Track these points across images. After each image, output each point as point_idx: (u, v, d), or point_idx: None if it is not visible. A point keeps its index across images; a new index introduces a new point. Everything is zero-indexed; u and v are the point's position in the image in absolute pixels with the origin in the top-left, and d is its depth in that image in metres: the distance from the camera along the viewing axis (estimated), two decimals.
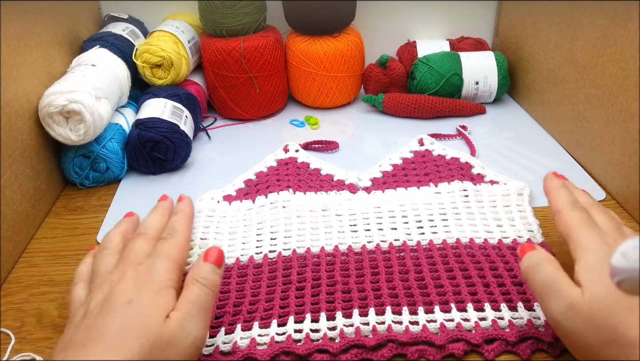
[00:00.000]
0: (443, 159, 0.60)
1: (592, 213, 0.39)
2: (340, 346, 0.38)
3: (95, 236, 0.53)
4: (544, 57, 0.68)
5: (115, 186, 0.61)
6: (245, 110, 0.74)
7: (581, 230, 0.37)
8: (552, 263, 0.36)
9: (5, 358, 0.40)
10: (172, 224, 0.42)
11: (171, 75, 0.69)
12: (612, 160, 0.54)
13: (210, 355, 0.38)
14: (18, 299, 0.46)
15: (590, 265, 0.34)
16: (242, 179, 0.59)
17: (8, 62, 0.53)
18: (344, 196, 0.55)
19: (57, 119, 0.56)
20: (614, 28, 0.53)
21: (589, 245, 0.35)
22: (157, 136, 0.60)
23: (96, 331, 0.32)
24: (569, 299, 0.33)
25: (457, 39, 0.82)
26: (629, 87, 0.51)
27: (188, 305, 0.35)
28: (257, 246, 0.49)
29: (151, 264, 0.37)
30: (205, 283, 0.36)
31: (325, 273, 0.45)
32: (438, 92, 0.73)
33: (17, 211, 0.51)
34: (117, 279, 0.36)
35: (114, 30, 0.70)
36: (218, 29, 0.70)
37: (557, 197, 0.41)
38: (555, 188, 0.42)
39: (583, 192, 0.44)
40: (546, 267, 0.35)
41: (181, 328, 0.33)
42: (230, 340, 0.39)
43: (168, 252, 0.38)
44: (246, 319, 0.41)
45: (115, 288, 0.35)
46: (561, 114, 0.64)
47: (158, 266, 0.37)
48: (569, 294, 0.33)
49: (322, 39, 0.72)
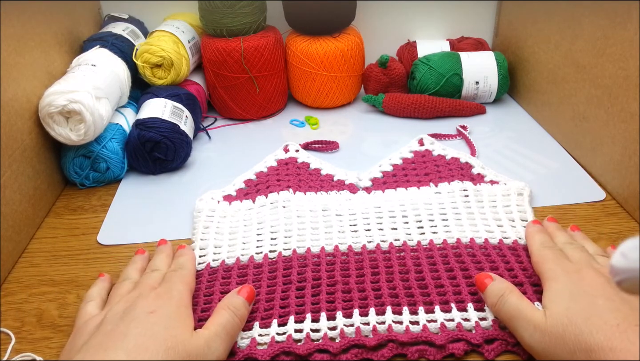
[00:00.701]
0: (443, 159, 0.60)
1: (567, 250, 0.42)
2: (340, 346, 0.38)
3: (95, 236, 0.53)
4: (544, 57, 0.68)
5: (115, 186, 0.61)
6: (245, 110, 0.74)
7: (548, 265, 0.40)
8: (513, 292, 0.39)
9: (5, 358, 0.40)
10: (179, 260, 0.45)
11: (171, 75, 0.69)
12: (612, 160, 0.54)
13: None
14: (18, 299, 0.46)
15: (552, 291, 0.37)
16: (242, 179, 0.58)
17: (8, 62, 0.53)
18: (344, 196, 0.55)
19: (57, 119, 0.56)
20: (614, 28, 0.53)
21: (553, 276, 0.39)
22: (157, 136, 0.60)
23: (117, 336, 0.34)
24: (533, 323, 0.36)
25: (457, 39, 0.82)
26: (629, 87, 0.51)
27: (218, 327, 0.37)
28: (257, 246, 0.49)
29: (169, 286, 0.40)
30: (236, 313, 0.39)
31: (326, 273, 0.45)
32: (438, 92, 0.73)
33: (17, 211, 0.51)
34: (136, 295, 0.39)
35: (114, 30, 0.70)
36: (218, 29, 0.70)
37: (532, 241, 0.45)
38: (531, 234, 0.46)
39: (572, 228, 0.48)
40: (509, 298, 0.38)
41: (207, 345, 0.36)
42: None
43: (182, 278, 0.42)
44: (247, 319, 0.41)
45: (136, 301, 0.37)
46: (561, 114, 0.64)
47: (176, 287, 0.40)
48: (532, 318, 0.36)
49: (322, 39, 0.72)
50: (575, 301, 0.35)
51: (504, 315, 0.38)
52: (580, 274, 0.38)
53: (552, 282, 0.38)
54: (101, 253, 0.51)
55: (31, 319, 0.43)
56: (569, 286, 0.37)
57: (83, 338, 0.35)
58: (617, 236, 0.49)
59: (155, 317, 0.35)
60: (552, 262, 0.40)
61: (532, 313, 0.36)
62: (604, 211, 0.52)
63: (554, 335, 0.34)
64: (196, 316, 0.41)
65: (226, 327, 0.38)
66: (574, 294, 0.36)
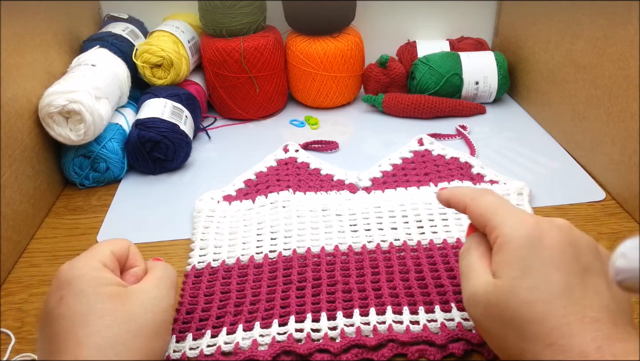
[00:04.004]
0: (443, 159, 0.60)
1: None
2: (341, 346, 0.38)
3: (95, 236, 0.53)
4: (544, 57, 0.68)
5: (115, 186, 0.61)
6: (245, 110, 0.74)
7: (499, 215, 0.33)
8: (477, 249, 0.34)
9: (5, 358, 0.40)
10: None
11: (171, 75, 0.69)
12: (612, 160, 0.54)
13: (211, 355, 0.38)
14: (18, 299, 0.46)
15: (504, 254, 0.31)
16: (242, 179, 0.58)
17: (8, 62, 0.53)
18: (344, 196, 0.55)
19: (57, 119, 0.56)
20: (614, 28, 0.53)
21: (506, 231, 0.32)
22: (157, 136, 0.60)
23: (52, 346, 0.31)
24: (476, 287, 0.32)
25: (457, 39, 0.82)
26: (629, 87, 0.51)
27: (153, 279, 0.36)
28: (257, 246, 0.49)
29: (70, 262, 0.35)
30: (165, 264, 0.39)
31: (326, 273, 0.45)
32: (438, 92, 0.73)
33: (17, 211, 0.51)
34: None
35: (114, 30, 0.70)
36: (218, 29, 0.70)
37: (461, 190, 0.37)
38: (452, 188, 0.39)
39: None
40: (471, 253, 0.34)
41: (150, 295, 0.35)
42: (232, 340, 0.39)
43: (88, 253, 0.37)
44: (247, 319, 0.41)
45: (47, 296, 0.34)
46: (561, 114, 0.64)
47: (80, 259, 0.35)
48: (477, 283, 0.32)
49: (322, 39, 0.72)
50: (526, 272, 0.30)
51: (460, 268, 0.35)
52: (539, 231, 0.31)
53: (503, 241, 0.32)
54: None
55: (31, 319, 0.43)
56: (524, 250, 0.31)
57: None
58: (617, 236, 0.49)
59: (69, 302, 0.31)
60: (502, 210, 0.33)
61: (479, 278, 0.32)
62: (604, 211, 0.52)
63: (491, 309, 0.31)
64: (196, 316, 0.41)
65: (162, 276, 0.37)
66: (527, 262, 0.30)
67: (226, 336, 0.39)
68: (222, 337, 0.39)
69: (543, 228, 0.31)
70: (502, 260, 0.31)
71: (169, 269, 0.39)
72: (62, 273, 0.34)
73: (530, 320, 0.29)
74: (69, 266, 0.34)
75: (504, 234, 0.32)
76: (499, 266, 0.31)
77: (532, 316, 0.29)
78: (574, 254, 0.31)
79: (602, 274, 0.30)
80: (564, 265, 0.30)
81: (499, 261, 0.32)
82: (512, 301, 0.30)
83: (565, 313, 0.28)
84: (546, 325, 0.28)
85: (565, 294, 0.29)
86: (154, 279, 0.36)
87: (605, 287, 0.30)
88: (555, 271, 0.30)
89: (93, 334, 0.30)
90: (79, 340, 0.30)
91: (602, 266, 0.31)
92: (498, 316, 0.30)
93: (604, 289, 0.30)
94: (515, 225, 0.32)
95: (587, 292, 0.29)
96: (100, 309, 0.31)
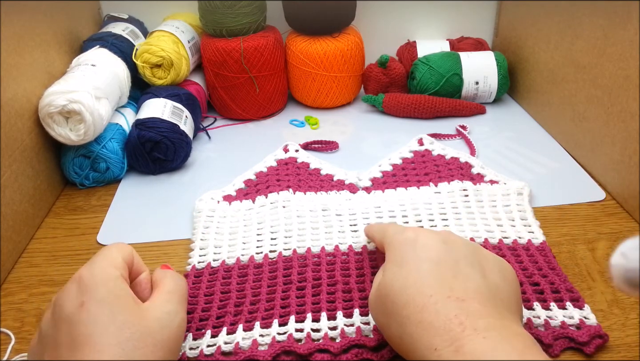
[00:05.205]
0: (443, 159, 0.60)
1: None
2: (341, 346, 0.38)
3: (95, 236, 0.53)
4: (544, 57, 0.68)
5: (115, 186, 0.61)
6: (245, 110, 0.74)
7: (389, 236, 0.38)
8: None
9: (5, 358, 0.40)
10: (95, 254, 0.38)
11: (171, 75, 0.69)
12: (612, 160, 0.54)
13: (211, 355, 0.38)
14: (18, 299, 0.46)
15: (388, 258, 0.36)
16: (242, 179, 0.58)
17: (8, 62, 0.53)
18: (344, 196, 0.55)
19: (57, 119, 0.56)
20: (614, 28, 0.53)
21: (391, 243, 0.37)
22: (157, 136, 0.60)
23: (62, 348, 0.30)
24: (370, 293, 0.36)
25: (457, 39, 0.82)
26: (629, 87, 0.51)
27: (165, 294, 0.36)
28: (257, 246, 0.49)
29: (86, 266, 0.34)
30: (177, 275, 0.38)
31: (326, 273, 0.45)
32: (438, 92, 0.73)
33: (17, 211, 0.51)
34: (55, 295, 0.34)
35: (114, 30, 0.70)
36: (218, 29, 0.70)
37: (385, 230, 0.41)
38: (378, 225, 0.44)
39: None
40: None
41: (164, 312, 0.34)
42: (232, 340, 0.39)
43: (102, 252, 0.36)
44: (247, 319, 0.41)
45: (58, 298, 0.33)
46: (561, 114, 0.64)
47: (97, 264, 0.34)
48: (372, 287, 0.36)
49: (322, 39, 0.72)
50: (401, 266, 0.34)
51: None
52: (415, 235, 0.36)
53: (388, 246, 0.37)
54: None
55: (31, 319, 0.43)
56: (402, 249, 0.35)
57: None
58: (617, 236, 0.49)
59: (90, 309, 0.31)
60: (392, 228, 0.39)
61: (375, 281, 0.36)
62: (604, 211, 0.52)
63: (377, 303, 0.34)
64: (196, 316, 0.41)
65: (172, 290, 0.36)
66: (404, 258, 0.34)
67: (226, 336, 0.39)
68: (222, 337, 0.39)
69: (420, 232, 0.36)
70: (387, 260, 0.36)
71: (178, 280, 0.38)
72: (82, 278, 0.33)
73: (405, 303, 0.32)
74: (89, 272, 0.33)
75: (388, 242, 0.38)
76: (385, 266, 0.36)
77: (406, 299, 0.32)
78: (447, 249, 0.34)
79: (478, 267, 0.33)
80: (436, 258, 0.34)
81: (385, 262, 0.36)
82: (391, 290, 0.33)
83: (433, 293, 0.31)
84: (417, 304, 0.31)
85: (434, 278, 0.32)
86: (164, 294, 0.36)
87: (478, 276, 0.33)
88: (427, 262, 0.33)
89: (114, 344, 0.30)
90: (99, 348, 0.30)
91: (480, 260, 0.34)
92: (383, 307, 0.34)
93: (477, 278, 0.32)
94: (397, 233, 0.37)
95: (458, 278, 0.32)
96: (121, 321, 0.31)
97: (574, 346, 0.37)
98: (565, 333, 0.38)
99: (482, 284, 0.32)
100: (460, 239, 0.36)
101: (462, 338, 0.28)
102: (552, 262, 0.45)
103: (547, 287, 0.42)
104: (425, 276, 0.32)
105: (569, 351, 0.37)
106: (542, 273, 0.43)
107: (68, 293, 0.32)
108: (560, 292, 0.41)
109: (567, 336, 0.38)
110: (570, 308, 0.40)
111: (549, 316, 0.39)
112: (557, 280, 0.42)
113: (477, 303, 0.30)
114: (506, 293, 0.33)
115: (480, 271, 0.33)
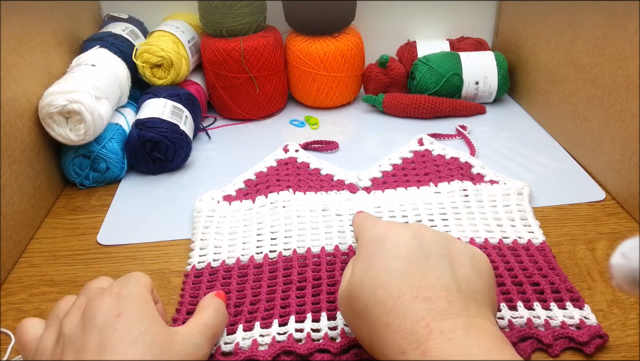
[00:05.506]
0: (443, 159, 0.60)
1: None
2: (341, 345, 0.38)
3: (95, 236, 0.53)
4: (544, 57, 0.68)
5: (115, 186, 0.61)
6: (245, 110, 0.74)
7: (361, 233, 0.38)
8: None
9: (5, 358, 0.40)
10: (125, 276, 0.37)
11: (171, 75, 0.69)
12: (612, 160, 0.54)
13: (212, 355, 0.38)
14: (18, 299, 0.46)
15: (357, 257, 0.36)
16: (242, 179, 0.59)
17: (8, 62, 0.53)
18: (344, 196, 0.55)
19: (57, 119, 0.56)
20: (614, 28, 0.53)
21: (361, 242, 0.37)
22: (157, 136, 0.60)
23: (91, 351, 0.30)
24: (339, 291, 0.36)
25: (457, 39, 0.82)
26: (629, 87, 0.51)
27: (200, 325, 0.36)
28: (257, 246, 0.49)
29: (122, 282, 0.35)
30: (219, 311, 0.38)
31: (326, 273, 0.45)
32: (438, 92, 0.73)
33: (17, 211, 0.51)
34: (84, 301, 0.34)
35: (114, 30, 0.70)
36: (218, 29, 0.70)
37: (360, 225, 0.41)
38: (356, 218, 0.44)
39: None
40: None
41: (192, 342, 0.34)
42: (232, 340, 0.39)
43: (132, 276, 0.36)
44: (247, 319, 0.41)
45: (91, 306, 0.33)
46: (561, 114, 0.64)
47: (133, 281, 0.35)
48: (341, 285, 0.35)
49: (322, 39, 0.72)
50: (371, 265, 0.33)
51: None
52: (386, 231, 0.35)
53: (359, 244, 0.37)
54: (101, 253, 0.51)
55: None
56: (370, 247, 0.35)
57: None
58: (617, 236, 0.49)
59: (126, 321, 0.31)
60: (368, 222, 0.39)
61: (344, 280, 0.35)
62: (604, 211, 0.52)
63: (347, 302, 0.34)
64: None
65: (208, 324, 0.36)
66: (373, 256, 0.34)
67: (226, 336, 0.39)
68: (222, 337, 0.39)
69: (390, 228, 0.36)
70: (356, 259, 0.35)
71: (219, 316, 0.38)
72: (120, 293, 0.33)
73: (374, 304, 0.31)
74: (127, 290, 0.34)
75: (359, 236, 0.38)
76: (354, 265, 0.35)
77: (375, 300, 0.31)
78: (417, 245, 0.34)
79: (447, 261, 0.33)
80: (405, 255, 0.33)
81: (355, 257, 0.36)
82: (360, 292, 0.32)
83: (400, 294, 0.31)
84: (385, 305, 0.31)
85: (402, 278, 0.31)
86: (200, 325, 0.36)
87: (447, 271, 0.32)
88: (396, 260, 0.33)
89: (138, 356, 0.30)
90: (130, 356, 0.30)
91: (451, 254, 0.34)
92: (353, 307, 0.33)
93: (446, 273, 0.32)
94: (368, 230, 0.37)
95: (426, 275, 0.32)
96: (151, 338, 0.32)
97: (574, 346, 0.37)
98: (565, 333, 0.38)
99: (451, 280, 0.32)
100: (431, 233, 0.35)
101: (428, 341, 0.28)
102: (552, 262, 0.45)
103: (547, 287, 0.42)
104: (394, 276, 0.32)
105: (569, 351, 0.37)
106: (542, 273, 0.43)
107: (103, 303, 0.33)
108: (560, 292, 0.41)
109: (567, 336, 0.38)
110: (570, 308, 0.40)
111: (549, 316, 0.39)
112: (557, 280, 0.42)
113: (445, 302, 0.30)
114: (477, 287, 0.32)
115: (450, 265, 0.33)
